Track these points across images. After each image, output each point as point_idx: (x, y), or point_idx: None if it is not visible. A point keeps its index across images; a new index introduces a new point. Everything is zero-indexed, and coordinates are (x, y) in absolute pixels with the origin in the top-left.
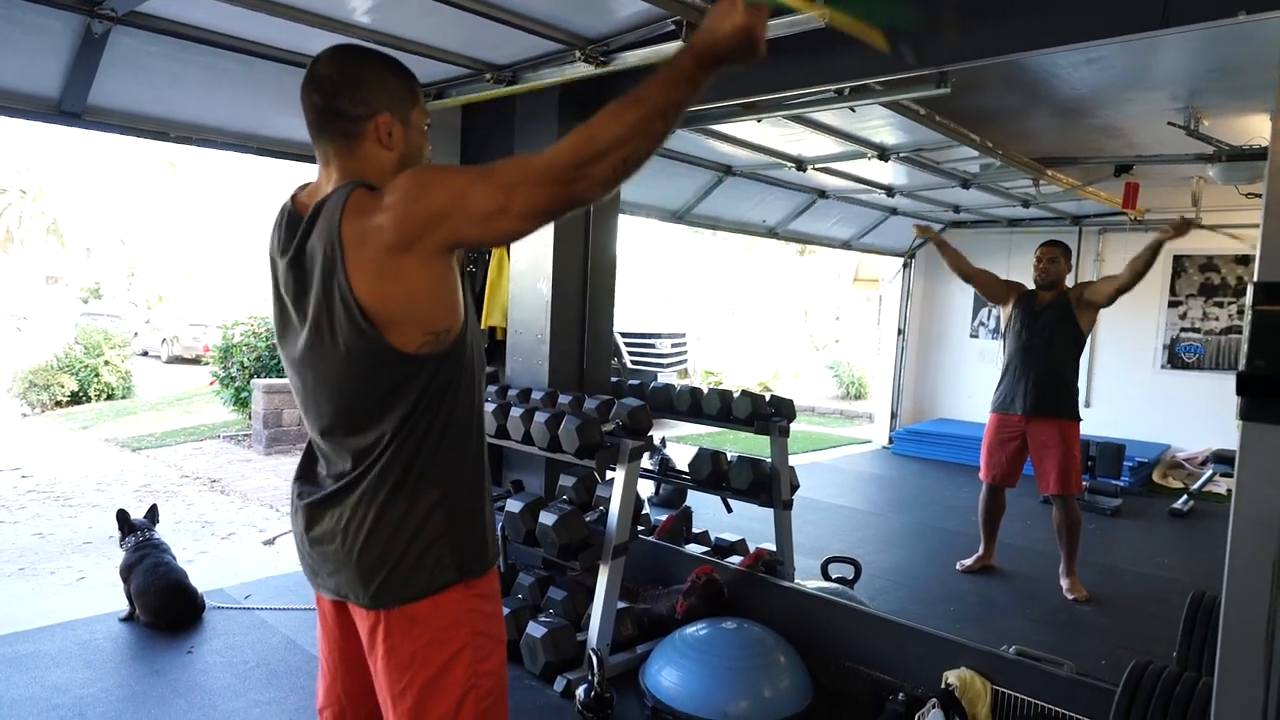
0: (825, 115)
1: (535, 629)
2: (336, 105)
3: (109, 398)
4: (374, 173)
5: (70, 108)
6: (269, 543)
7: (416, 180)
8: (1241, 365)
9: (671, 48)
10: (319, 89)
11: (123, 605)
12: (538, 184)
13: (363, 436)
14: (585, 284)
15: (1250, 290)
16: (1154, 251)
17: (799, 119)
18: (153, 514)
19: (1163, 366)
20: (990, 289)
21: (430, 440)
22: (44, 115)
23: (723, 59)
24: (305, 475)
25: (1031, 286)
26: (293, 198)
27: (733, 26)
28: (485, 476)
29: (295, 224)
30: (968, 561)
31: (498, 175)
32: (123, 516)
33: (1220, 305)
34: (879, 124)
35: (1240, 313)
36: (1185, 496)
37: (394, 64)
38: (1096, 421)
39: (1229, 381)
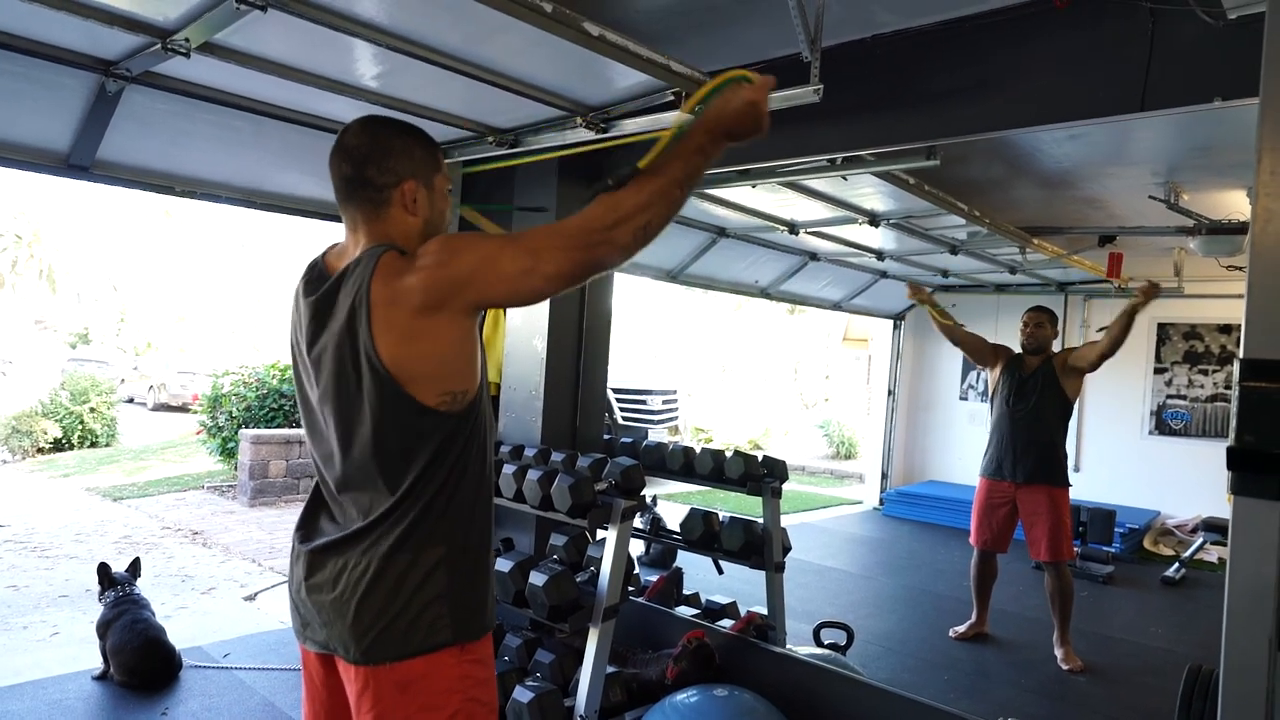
0: (817, 182)
1: (522, 693)
2: (365, 174)
3: (92, 445)
4: (400, 236)
5: (79, 161)
6: (250, 599)
7: (448, 245)
8: (1231, 440)
9: (669, 116)
10: (348, 159)
11: (97, 663)
12: (563, 247)
13: (374, 487)
14: (580, 341)
15: (1237, 366)
16: (1129, 317)
17: (792, 185)
18: (135, 568)
19: (1150, 433)
20: (978, 353)
21: (440, 498)
22: (53, 169)
23: (732, 134)
24: (309, 522)
25: (1018, 351)
26: (323, 255)
27: (741, 101)
28: (490, 541)
29: (324, 278)
30: (961, 628)
31: (526, 240)
32: (104, 570)
33: (1205, 373)
34: (869, 192)
35: (1226, 383)
36: (1177, 564)
37: (419, 134)
38: (1086, 487)
39: (1216, 448)
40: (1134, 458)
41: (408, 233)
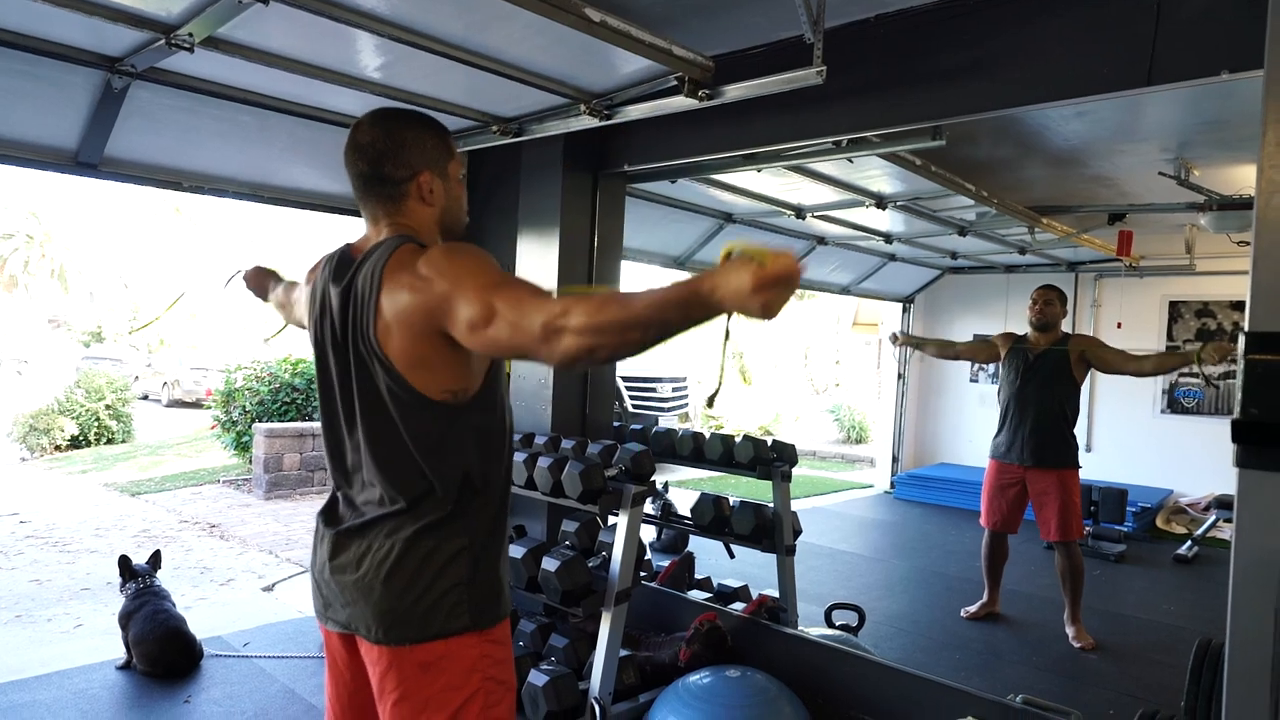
0: (823, 165)
1: (537, 677)
2: (381, 171)
3: (109, 442)
4: (419, 226)
5: (87, 159)
6: (268, 589)
7: (442, 263)
8: (1236, 413)
9: (674, 101)
10: (363, 156)
11: (120, 653)
12: (514, 325)
13: (391, 475)
14: None
15: (1242, 340)
16: (1183, 362)
17: (798, 169)
18: (155, 560)
19: (1162, 411)
20: (980, 355)
21: (459, 488)
22: (62, 166)
23: (726, 309)
24: (333, 508)
25: (1020, 332)
26: (349, 246)
27: (739, 285)
28: (507, 531)
29: (348, 264)
30: (972, 608)
31: (499, 295)
32: (124, 562)
33: None
34: (876, 174)
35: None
36: (1189, 542)
37: (430, 123)
38: (1098, 466)
39: (1228, 426)
40: (1146, 436)
41: (425, 222)
